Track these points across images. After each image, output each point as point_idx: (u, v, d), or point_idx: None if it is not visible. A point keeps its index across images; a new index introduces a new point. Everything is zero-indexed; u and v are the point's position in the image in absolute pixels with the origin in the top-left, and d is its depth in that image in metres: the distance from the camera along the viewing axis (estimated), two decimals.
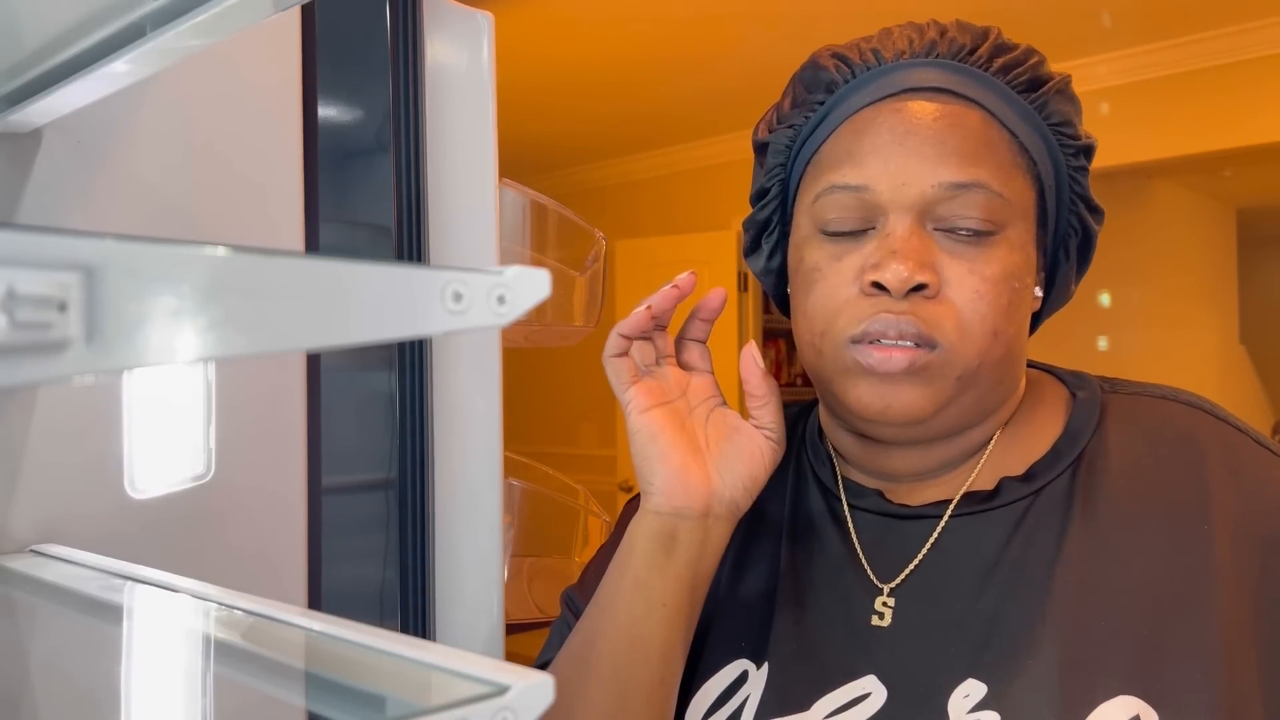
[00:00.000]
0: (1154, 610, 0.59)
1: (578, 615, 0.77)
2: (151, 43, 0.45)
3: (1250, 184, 4.57)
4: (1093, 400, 0.68)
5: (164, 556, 0.68)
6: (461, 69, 0.96)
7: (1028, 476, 0.66)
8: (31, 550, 0.62)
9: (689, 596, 0.65)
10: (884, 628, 0.64)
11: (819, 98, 0.67)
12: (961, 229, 0.61)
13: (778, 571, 0.70)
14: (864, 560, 0.68)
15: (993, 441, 0.68)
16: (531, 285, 0.32)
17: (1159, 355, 4.02)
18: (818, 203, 0.65)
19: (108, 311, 0.25)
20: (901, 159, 0.62)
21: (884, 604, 0.65)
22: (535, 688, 0.33)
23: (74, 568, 0.58)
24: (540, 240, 1.22)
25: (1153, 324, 4.06)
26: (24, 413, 0.63)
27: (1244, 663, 0.58)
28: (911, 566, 0.66)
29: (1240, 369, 4.90)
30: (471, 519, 0.95)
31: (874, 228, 0.63)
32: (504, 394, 0.97)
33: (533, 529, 1.43)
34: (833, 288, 0.64)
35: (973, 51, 0.65)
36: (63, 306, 0.24)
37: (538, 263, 1.01)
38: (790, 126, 0.69)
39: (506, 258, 1.08)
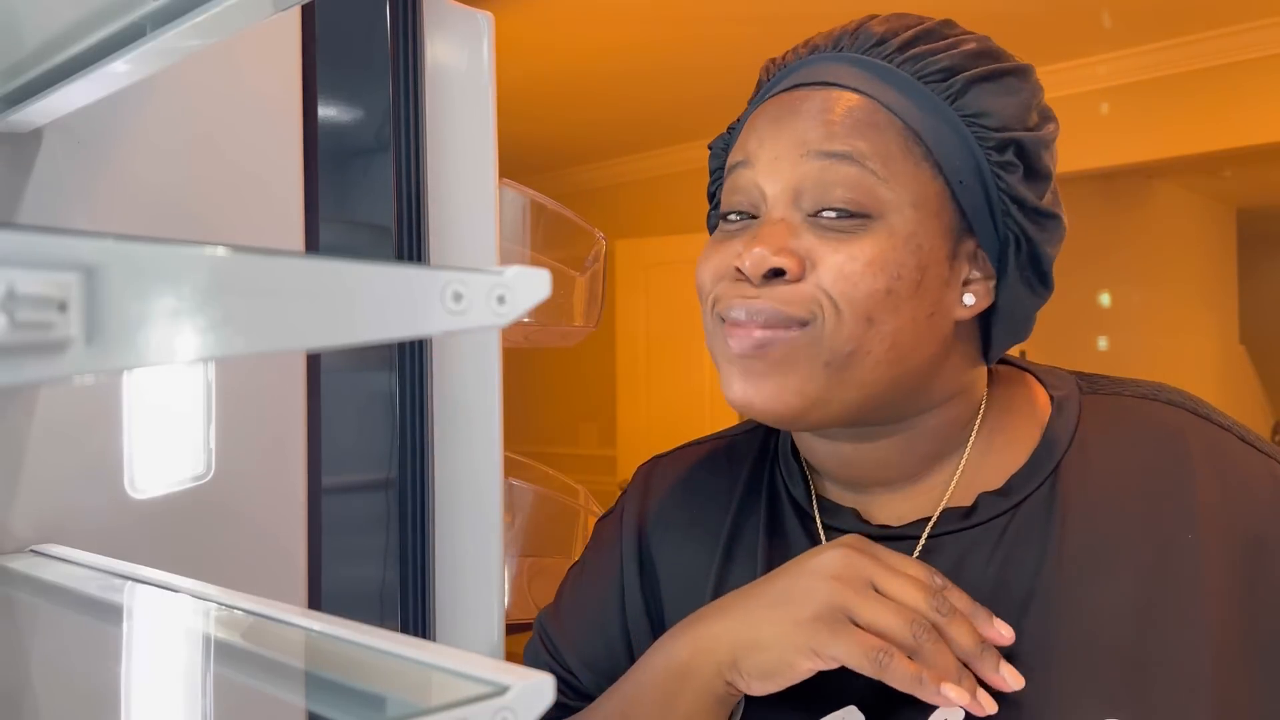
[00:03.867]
0: (1139, 627, 0.57)
1: (553, 654, 0.76)
2: (151, 43, 0.45)
3: (1250, 184, 4.57)
4: (1070, 403, 0.66)
5: (164, 556, 0.68)
6: (461, 69, 0.96)
7: (1005, 491, 0.63)
8: (31, 550, 0.62)
9: None
10: None
11: (752, 98, 0.69)
12: (832, 209, 0.59)
13: None
14: None
15: (967, 451, 0.66)
16: (531, 285, 0.32)
17: (1159, 356, 4.02)
18: (718, 195, 0.66)
19: (108, 311, 0.25)
20: (774, 135, 0.62)
21: None
22: (535, 688, 0.32)
23: (74, 568, 0.58)
24: (540, 240, 1.22)
25: (1152, 324, 4.06)
26: (24, 413, 0.63)
27: (1233, 673, 0.56)
28: None
29: (1240, 369, 4.90)
30: (471, 519, 0.95)
31: (759, 217, 0.63)
32: (504, 394, 0.97)
33: (533, 529, 1.43)
34: (712, 268, 0.63)
35: (880, 43, 0.62)
36: (63, 306, 0.24)
37: (537, 263, 1.01)
38: (729, 130, 0.70)
39: (506, 258, 1.08)
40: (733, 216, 0.64)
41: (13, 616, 0.55)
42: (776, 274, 0.59)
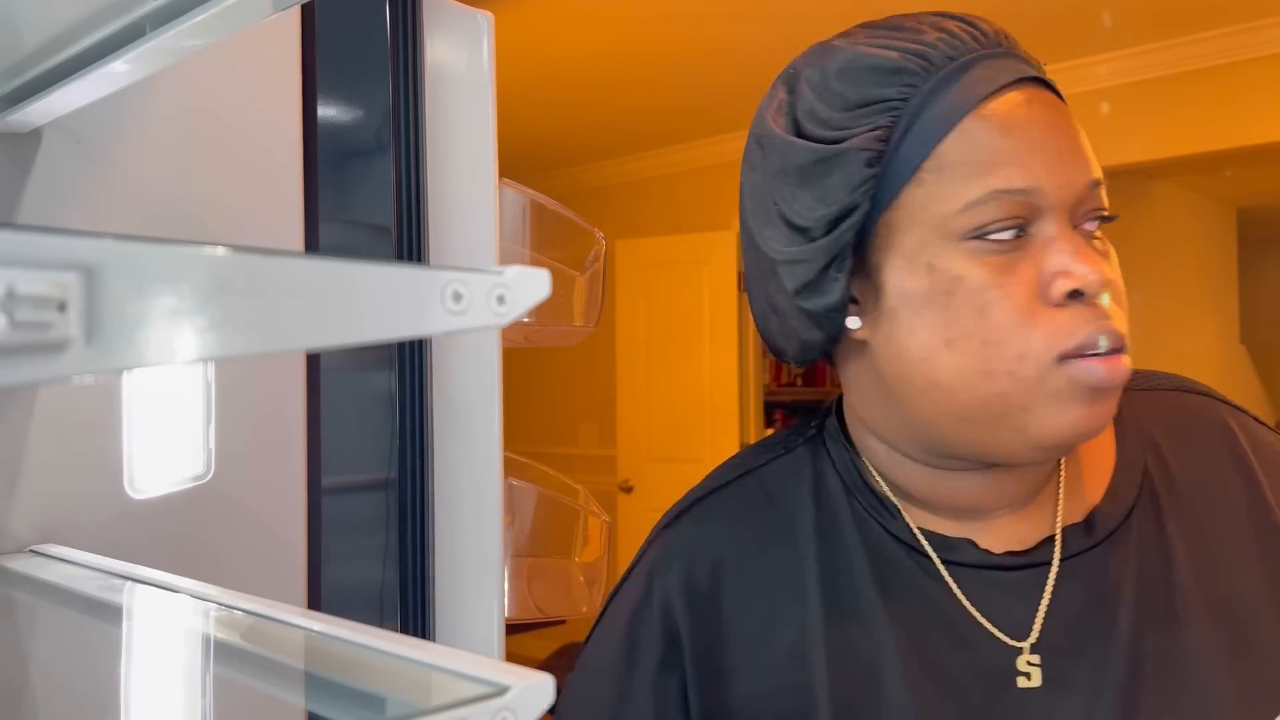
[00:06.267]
0: (1275, 617, 0.59)
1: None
2: (151, 43, 0.45)
3: (1250, 184, 4.57)
4: (1121, 403, 0.65)
5: (164, 556, 0.67)
6: (461, 69, 0.96)
7: (1113, 502, 0.63)
8: (31, 550, 0.62)
9: None
10: (1033, 689, 0.60)
11: (895, 93, 0.58)
12: (1093, 226, 0.60)
13: (898, 660, 0.61)
14: (985, 621, 0.61)
15: (1064, 463, 0.65)
16: (531, 285, 0.32)
17: (1159, 356, 4.02)
18: (969, 212, 0.57)
19: (108, 311, 0.25)
20: (1058, 157, 0.58)
21: (1029, 663, 0.60)
22: (535, 688, 0.32)
23: (74, 568, 0.58)
24: (540, 240, 1.22)
25: (1153, 324, 4.06)
26: (24, 413, 0.63)
27: None
28: (1040, 619, 0.61)
29: (1240, 369, 4.90)
30: (471, 519, 0.95)
31: (1027, 234, 0.58)
32: (504, 394, 0.97)
33: (533, 529, 1.43)
34: (1020, 303, 0.56)
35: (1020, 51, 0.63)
36: (63, 306, 0.24)
37: (537, 263, 1.01)
38: (874, 130, 0.58)
39: (506, 258, 1.07)
40: (1003, 234, 0.57)
41: (13, 616, 0.55)
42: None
